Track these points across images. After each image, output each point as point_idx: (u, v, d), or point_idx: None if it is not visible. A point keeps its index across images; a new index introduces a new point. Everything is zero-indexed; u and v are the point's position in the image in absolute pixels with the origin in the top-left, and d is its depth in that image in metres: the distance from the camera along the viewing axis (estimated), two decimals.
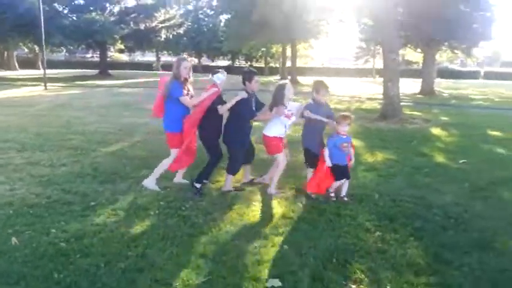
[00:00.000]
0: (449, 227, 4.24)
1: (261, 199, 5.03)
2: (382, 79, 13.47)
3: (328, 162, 4.90)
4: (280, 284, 3.09)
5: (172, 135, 5.17)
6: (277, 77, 40.01)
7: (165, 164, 5.29)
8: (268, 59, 54.08)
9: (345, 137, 4.99)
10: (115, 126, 10.16)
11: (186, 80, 5.18)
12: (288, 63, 37.60)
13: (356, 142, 9.00)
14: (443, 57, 46.61)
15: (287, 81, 5.54)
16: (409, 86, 28.04)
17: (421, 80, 24.98)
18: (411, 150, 8.16)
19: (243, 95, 4.98)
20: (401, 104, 14.91)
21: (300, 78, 34.59)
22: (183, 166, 5.45)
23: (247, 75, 5.13)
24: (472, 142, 9.11)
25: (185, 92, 5.10)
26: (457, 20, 19.89)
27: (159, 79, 5.57)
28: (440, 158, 7.55)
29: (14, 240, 3.65)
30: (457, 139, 9.66)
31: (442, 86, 31.09)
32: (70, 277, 3.10)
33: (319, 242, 3.81)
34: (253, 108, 5.17)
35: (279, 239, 3.89)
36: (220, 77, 5.11)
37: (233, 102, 4.98)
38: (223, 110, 5.01)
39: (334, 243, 3.80)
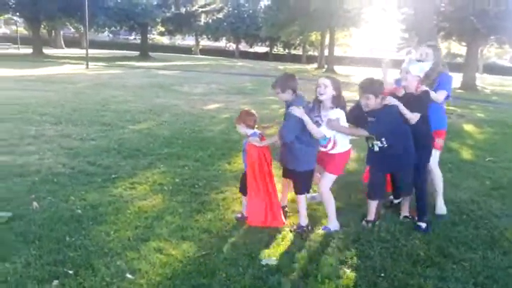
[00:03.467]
0: (460, 222, 4.16)
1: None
2: None
3: None
4: (275, 262, 3.19)
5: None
6: (315, 65, 39.55)
7: None
8: (307, 46, 53.42)
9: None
10: (146, 106, 10.48)
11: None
12: (327, 52, 37.04)
13: None
14: (491, 52, 44.54)
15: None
16: None
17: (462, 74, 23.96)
18: None
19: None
20: None
21: (336, 68, 34.05)
22: None
23: None
24: (505, 140, 8.76)
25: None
26: (505, 13, 18.86)
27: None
28: (467, 155, 7.33)
29: (35, 204, 3.94)
30: (489, 136, 9.30)
31: (487, 82, 29.75)
32: (80, 241, 3.33)
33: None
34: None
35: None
36: (424, 68, 3.80)
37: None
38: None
39: (337, 230, 3.84)
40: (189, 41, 65.05)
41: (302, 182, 3.81)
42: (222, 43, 65.55)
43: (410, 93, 3.83)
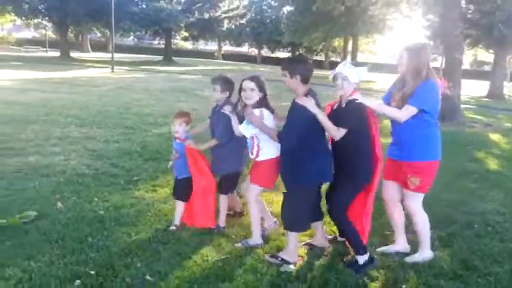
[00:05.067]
0: (485, 235, 4.05)
1: None
2: None
3: None
4: (293, 269, 3.16)
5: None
6: None
7: None
8: (329, 52, 53.21)
9: (177, 141, 3.75)
10: (168, 110, 10.60)
11: None
12: (349, 58, 36.85)
13: None
14: None
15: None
16: (477, 88, 26.45)
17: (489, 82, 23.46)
18: (464, 155, 7.80)
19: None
20: (464, 106, 14.21)
21: None
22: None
23: None
24: None
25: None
26: None
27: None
28: (493, 165, 7.14)
29: (59, 204, 4.03)
30: None
31: None
32: (102, 241, 3.39)
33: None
34: None
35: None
36: (360, 73, 3.17)
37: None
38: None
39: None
40: (211, 46, 65.72)
41: (227, 183, 3.83)
42: (245, 48, 65.97)
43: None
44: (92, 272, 2.93)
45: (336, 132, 3.07)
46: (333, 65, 50.09)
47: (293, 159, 3.17)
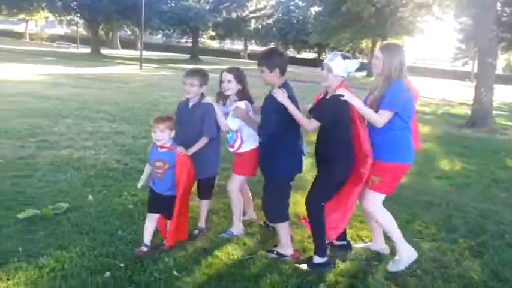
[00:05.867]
0: None
1: None
2: None
3: None
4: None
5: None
6: (364, 73, 38.85)
7: None
8: (357, 54, 52.58)
9: (162, 150, 3.22)
10: None
11: None
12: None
13: (435, 148, 8.57)
14: None
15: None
16: (510, 94, 25.65)
17: None
18: (495, 162, 7.59)
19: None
20: (496, 112, 13.81)
21: None
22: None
23: None
24: None
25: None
26: None
27: None
28: None
29: (90, 197, 4.14)
30: None
31: None
32: (131, 235, 3.46)
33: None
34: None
35: None
36: (348, 67, 3.10)
37: None
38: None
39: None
40: (237, 45, 66.00)
41: (208, 187, 3.72)
42: None
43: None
44: (121, 265, 3.00)
45: (307, 125, 3.09)
46: (359, 67, 49.95)
47: (268, 150, 3.27)
